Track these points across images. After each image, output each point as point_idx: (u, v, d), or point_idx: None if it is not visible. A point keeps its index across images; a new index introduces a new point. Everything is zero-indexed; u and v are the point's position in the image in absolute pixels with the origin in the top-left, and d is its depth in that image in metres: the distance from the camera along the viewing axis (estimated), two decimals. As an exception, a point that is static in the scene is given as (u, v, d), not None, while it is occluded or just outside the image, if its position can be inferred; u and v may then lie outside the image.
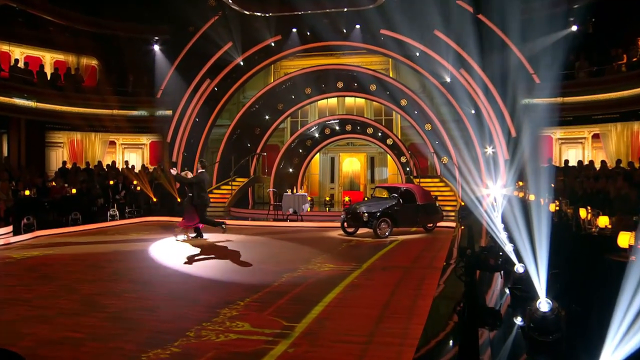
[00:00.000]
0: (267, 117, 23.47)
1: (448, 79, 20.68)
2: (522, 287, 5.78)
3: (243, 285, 7.41)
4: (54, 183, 17.33)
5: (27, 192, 15.05)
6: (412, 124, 21.93)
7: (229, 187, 21.55)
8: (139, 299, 6.61)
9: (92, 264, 9.16)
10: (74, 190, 16.90)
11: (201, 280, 7.90)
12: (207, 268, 8.98)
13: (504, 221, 11.71)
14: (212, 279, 8.00)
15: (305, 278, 7.91)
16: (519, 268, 5.98)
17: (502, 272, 6.71)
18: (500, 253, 6.88)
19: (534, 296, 4.53)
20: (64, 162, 21.17)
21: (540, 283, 4.52)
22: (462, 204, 18.19)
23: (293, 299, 6.58)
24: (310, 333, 5.18)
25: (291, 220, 16.97)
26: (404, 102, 21.77)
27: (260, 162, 23.73)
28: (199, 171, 12.80)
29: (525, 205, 10.39)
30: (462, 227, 14.81)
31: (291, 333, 5.16)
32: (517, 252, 6.77)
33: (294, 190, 17.98)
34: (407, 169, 22.11)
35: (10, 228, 13.01)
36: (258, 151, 23.03)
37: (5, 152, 20.62)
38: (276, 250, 11.40)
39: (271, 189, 20.50)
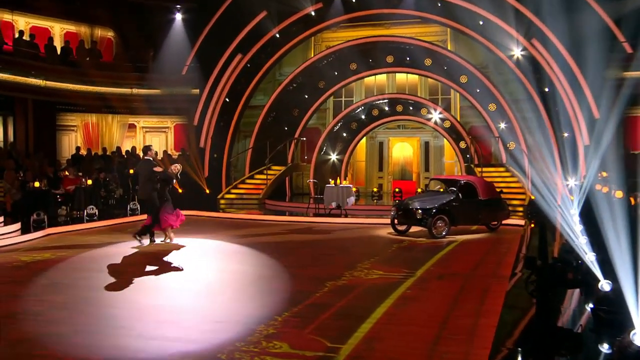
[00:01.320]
0: (306, 97, 23.43)
1: (517, 52, 20.11)
2: (609, 308, 5.57)
3: (280, 295, 7.45)
4: (66, 173, 17.65)
5: (36, 184, 15.31)
6: (473, 104, 21.55)
7: (264, 177, 21.70)
8: (163, 312, 6.71)
9: (110, 269, 9.35)
10: (89, 181, 17.15)
11: (232, 289, 7.99)
12: (239, 274, 9.06)
13: (583, 222, 11.39)
14: (244, 288, 8.08)
15: (350, 287, 7.89)
16: (604, 285, 5.76)
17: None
18: (580, 262, 6.66)
19: (627, 323, 4.34)
20: (78, 148, 21.62)
21: (637, 309, 4.31)
22: (532, 198, 17.82)
23: (337, 314, 6.56)
24: (357, 357, 5.15)
25: (334, 216, 16.98)
26: (464, 79, 21.34)
27: (299, 147, 23.78)
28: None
29: (611, 203, 10.05)
30: (532, 226, 14.52)
31: (335, 357, 5.14)
32: (602, 263, 6.55)
33: (338, 181, 17.92)
34: (467, 156, 21.77)
35: (18, 225, 13.20)
36: (296, 135, 23.05)
37: (11, 137, 20.96)
38: (317, 252, 11.41)
39: (311, 180, 20.53)
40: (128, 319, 6.41)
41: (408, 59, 22.30)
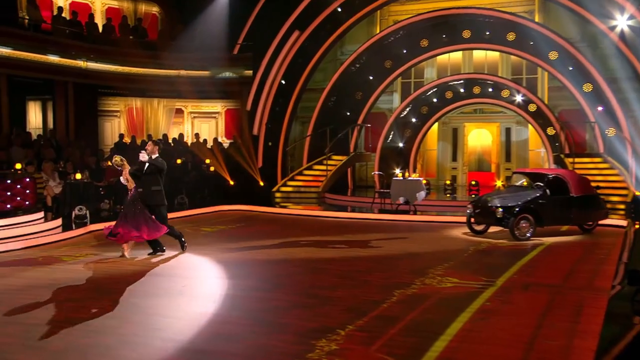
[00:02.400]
0: (371, 78, 23.39)
1: (621, 21, 19.32)
2: None
3: (343, 305, 7.42)
4: (109, 163, 18.12)
5: (78, 176, 15.68)
6: (564, 84, 20.95)
7: (323, 168, 21.77)
8: (215, 322, 6.78)
9: (157, 273, 9.52)
10: (133, 172, 17.59)
11: (289, 298, 8.00)
12: (296, 279, 9.10)
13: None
14: (303, 296, 8.09)
15: (421, 298, 7.81)
16: None
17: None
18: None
19: None
20: (121, 135, 22.18)
21: None
22: (636, 194, 17.25)
23: (407, 329, 6.50)
24: (431, 381, 5.10)
25: (401, 213, 16.87)
26: (554, 56, 20.76)
27: (363, 135, 23.74)
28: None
29: None
30: (636, 227, 14.02)
31: (406, 380, 5.10)
32: None
33: (406, 173, 17.81)
34: (556, 144, 21.37)
35: (58, 221, 13.54)
36: (360, 121, 23.02)
37: (50, 124, 21.56)
38: (382, 254, 11.37)
39: (376, 172, 20.47)
40: (180, 330, 6.48)
41: (487, 33, 21.91)
